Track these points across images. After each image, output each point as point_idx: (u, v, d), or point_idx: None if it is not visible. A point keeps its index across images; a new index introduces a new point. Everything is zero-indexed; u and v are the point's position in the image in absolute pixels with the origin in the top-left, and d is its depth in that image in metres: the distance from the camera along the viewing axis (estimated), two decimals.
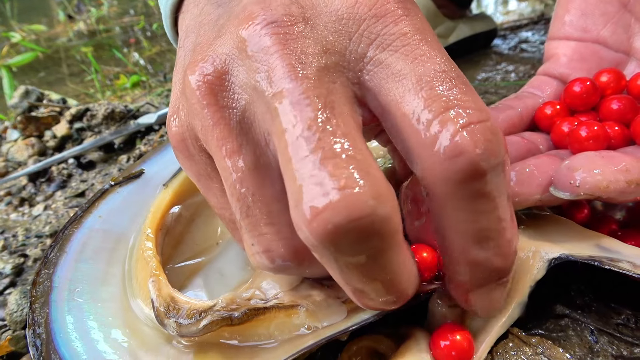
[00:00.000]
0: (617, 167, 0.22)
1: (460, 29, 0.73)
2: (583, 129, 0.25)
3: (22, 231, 0.44)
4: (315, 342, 0.23)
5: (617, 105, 0.27)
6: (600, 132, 0.25)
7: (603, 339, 0.25)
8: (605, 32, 0.32)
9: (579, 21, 0.32)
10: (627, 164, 0.23)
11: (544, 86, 0.32)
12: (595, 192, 0.22)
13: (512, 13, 1.09)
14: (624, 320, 0.25)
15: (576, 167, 0.23)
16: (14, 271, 0.38)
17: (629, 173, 0.22)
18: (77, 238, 0.32)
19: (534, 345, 0.24)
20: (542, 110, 0.30)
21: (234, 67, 0.19)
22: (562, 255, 0.23)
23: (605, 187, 0.22)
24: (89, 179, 0.52)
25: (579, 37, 0.32)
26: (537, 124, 0.30)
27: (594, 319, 0.25)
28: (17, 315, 0.33)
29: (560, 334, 0.25)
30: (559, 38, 0.33)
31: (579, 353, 0.24)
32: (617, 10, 0.32)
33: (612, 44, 0.32)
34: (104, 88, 0.93)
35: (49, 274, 0.29)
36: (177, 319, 0.24)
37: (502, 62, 0.73)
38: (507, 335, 0.24)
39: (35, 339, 0.25)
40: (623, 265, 0.22)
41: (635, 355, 0.24)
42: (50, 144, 0.59)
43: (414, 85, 0.18)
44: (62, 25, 1.58)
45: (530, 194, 0.24)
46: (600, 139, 0.25)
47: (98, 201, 0.34)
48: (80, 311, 0.27)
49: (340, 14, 0.19)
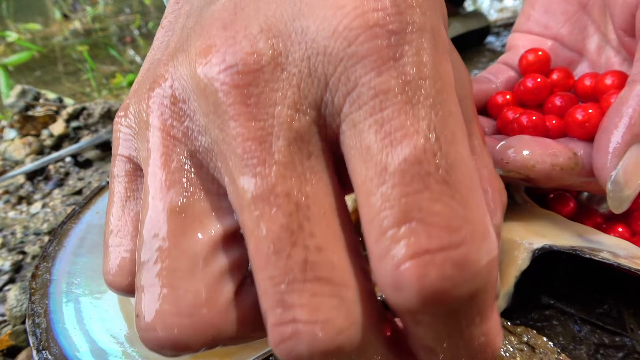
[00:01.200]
0: (547, 151, 0.25)
1: (453, 26, 0.74)
2: (524, 117, 0.27)
3: (20, 229, 0.45)
4: None
5: (559, 102, 0.29)
6: (539, 122, 0.27)
7: (586, 328, 0.25)
8: (563, 30, 0.33)
9: (542, 17, 0.34)
10: (556, 150, 0.25)
11: (499, 74, 0.33)
12: (522, 170, 0.24)
13: (506, 10, 1.10)
14: (606, 309, 0.26)
15: (509, 146, 0.25)
16: (13, 268, 0.39)
17: (555, 157, 0.24)
18: (75, 233, 0.32)
19: (519, 334, 0.25)
20: (494, 98, 0.31)
21: (191, 100, 0.15)
22: (545, 245, 0.24)
23: (531, 166, 0.24)
24: (86, 177, 0.53)
25: (539, 33, 0.34)
26: (488, 110, 0.32)
27: (578, 309, 0.26)
28: (17, 311, 0.33)
29: (544, 324, 0.26)
30: (521, 31, 0.35)
31: (562, 342, 0.25)
32: (576, 10, 0.32)
33: (568, 42, 0.33)
34: (100, 87, 0.94)
35: (48, 267, 0.30)
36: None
37: (494, 59, 0.73)
38: None
39: (35, 329, 0.26)
40: (603, 254, 0.23)
41: (616, 343, 0.25)
42: (47, 143, 0.60)
43: (377, 175, 0.13)
44: (57, 24, 1.58)
45: None
46: (538, 128, 0.27)
47: (95, 197, 0.35)
48: (78, 302, 0.28)
49: (317, 46, 0.14)
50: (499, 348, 0.16)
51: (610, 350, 0.24)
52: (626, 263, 0.22)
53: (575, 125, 0.26)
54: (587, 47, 0.32)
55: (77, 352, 0.25)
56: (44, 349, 0.25)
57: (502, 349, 0.25)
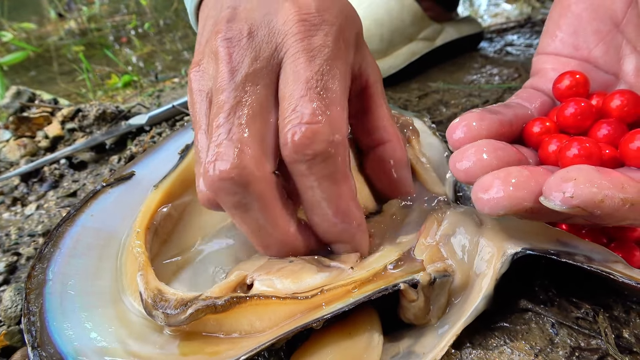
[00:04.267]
0: (614, 183, 0.21)
1: (447, 32, 0.75)
2: (574, 146, 0.24)
3: (14, 230, 0.46)
4: (292, 329, 0.25)
5: (608, 129, 0.26)
6: (594, 150, 0.24)
7: (563, 331, 0.26)
8: (596, 52, 0.31)
9: (570, 38, 0.31)
10: (624, 182, 0.21)
11: (532, 99, 0.31)
12: (588, 206, 0.21)
13: (500, 15, 1.11)
14: (583, 314, 0.27)
15: (569, 178, 0.21)
16: (8, 269, 0.39)
17: (624, 191, 0.21)
18: (70, 235, 0.33)
19: (498, 337, 0.26)
20: (530, 128, 0.29)
21: (208, 59, 0.29)
22: (523, 249, 0.25)
23: (599, 201, 0.21)
24: (81, 179, 0.53)
25: (569, 54, 0.31)
26: (524, 139, 0.29)
27: (555, 313, 0.27)
28: (12, 312, 0.34)
29: (523, 327, 0.27)
30: (548, 53, 0.32)
31: (539, 344, 0.26)
32: (609, 30, 0.30)
33: (602, 64, 0.31)
34: (95, 88, 0.94)
35: (43, 268, 0.31)
36: (164, 309, 0.26)
37: (487, 64, 0.75)
38: (473, 327, 0.26)
39: (30, 327, 0.27)
40: (578, 258, 0.24)
41: (592, 346, 0.26)
42: (42, 145, 0.60)
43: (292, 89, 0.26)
44: (53, 24, 1.58)
45: (523, 198, 0.23)
46: (593, 157, 0.24)
47: (90, 201, 0.36)
48: (72, 302, 0.29)
49: (272, 28, 0.28)
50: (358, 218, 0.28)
51: (585, 353, 0.25)
52: (598, 267, 0.24)
53: (635, 153, 0.24)
54: (624, 69, 0.30)
55: (71, 350, 0.26)
56: (39, 346, 0.26)
57: (480, 351, 0.26)
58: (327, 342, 0.26)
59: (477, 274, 0.26)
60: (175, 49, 1.24)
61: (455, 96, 0.63)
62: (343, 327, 0.27)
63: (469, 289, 0.26)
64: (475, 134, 0.27)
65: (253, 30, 0.28)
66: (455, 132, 0.27)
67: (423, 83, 0.68)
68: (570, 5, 0.31)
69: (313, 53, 0.27)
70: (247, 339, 0.26)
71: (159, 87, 0.88)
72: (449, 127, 0.27)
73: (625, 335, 0.26)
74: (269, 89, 0.27)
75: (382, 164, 0.33)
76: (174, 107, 0.62)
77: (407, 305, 0.26)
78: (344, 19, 0.29)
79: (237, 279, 0.28)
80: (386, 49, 0.66)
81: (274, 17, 0.28)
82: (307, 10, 0.28)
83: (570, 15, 0.31)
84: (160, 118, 0.61)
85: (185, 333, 0.27)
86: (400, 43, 0.68)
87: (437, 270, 0.26)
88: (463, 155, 0.25)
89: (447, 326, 0.26)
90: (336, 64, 0.27)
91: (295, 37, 0.27)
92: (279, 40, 0.27)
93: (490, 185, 0.23)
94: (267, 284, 0.27)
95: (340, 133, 0.26)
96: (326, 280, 0.27)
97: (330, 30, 0.28)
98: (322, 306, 0.26)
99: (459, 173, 0.25)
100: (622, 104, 0.26)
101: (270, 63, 0.27)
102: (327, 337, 0.26)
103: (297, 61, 0.27)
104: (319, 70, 0.26)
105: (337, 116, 0.26)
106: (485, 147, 0.25)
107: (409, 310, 0.26)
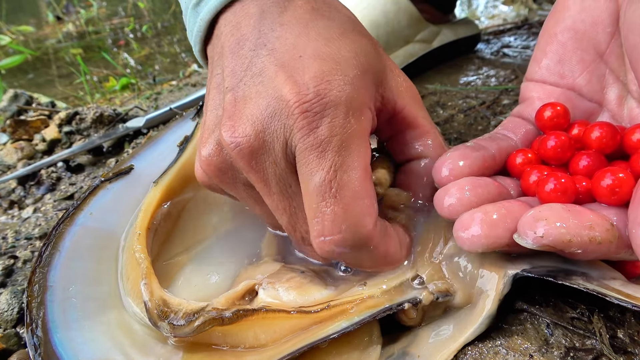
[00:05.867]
0: (583, 223, 0.22)
1: (443, 34, 0.75)
2: (551, 181, 0.25)
3: (11, 233, 0.46)
4: (297, 349, 0.24)
5: (586, 162, 0.27)
6: (569, 186, 0.25)
7: (558, 331, 0.27)
8: (581, 80, 0.31)
9: (556, 66, 0.32)
10: (592, 221, 0.22)
11: (517, 129, 0.32)
12: (557, 245, 0.22)
13: (497, 17, 1.12)
14: (578, 314, 0.27)
15: (540, 218, 0.23)
16: (4, 272, 0.39)
17: (592, 230, 0.22)
18: (70, 236, 0.32)
19: (493, 337, 0.26)
20: (514, 159, 0.30)
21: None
22: (523, 270, 0.25)
23: (567, 241, 0.22)
24: (78, 182, 0.53)
25: (554, 82, 0.32)
26: (508, 169, 0.30)
27: (550, 313, 0.27)
28: (8, 315, 0.34)
29: (518, 327, 0.27)
30: (535, 80, 0.33)
31: (535, 345, 0.26)
32: (593, 59, 0.31)
33: (586, 93, 0.31)
34: (93, 90, 0.94)
35: (44, 272, 0.30)
36: (170, 320, 0.25)
37: (483, 66, 0.75)
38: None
39: (33, 339, 0.26)
40: (575, 278, 0.24)
41: (586, 346, 0.26)
42: (39, 148, 0.60)
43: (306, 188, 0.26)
44: (50, 27, 1.58)
45: (499, 236, 0.24)
46: (568, 193, 0.25)
47: (89, 198, 0.35)
48: (74, 311, 0.28)
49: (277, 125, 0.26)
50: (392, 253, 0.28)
51: (580, 354, 0.25)
52: (595, 287, 0.24)
53: (605, 191, 0.24)
54: (607, 98, 0.31)
55: None
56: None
57: (475, 351, 0.26)
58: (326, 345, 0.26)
59: (480, 294, 0.26)
60: (173, 51, 1.24)
61: (452, 98, 0.63)
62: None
63: (470, 307, 0.27)
64: (458, 172, 0.28)
65: (259, 131, 0.26)
66: (442, 171, 0.28)
67: (420, 85, 0.68)
68: (556, 34, 0.32)
69: (322, 147, 0.25)
70: (252, 353, 0.26)
71: (156, 89, 0.88)
72: (436, 163, 0.29)
73: (620, 335, 0.26)
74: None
75: (415, 177, 0.32)
76: (171, 110, 0.62)
77: (404, 319, 0.27)
78: (351, 86, 0.26)
79: (244, 288, 0.28)
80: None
81: (277, 110, 0.26)
82: (306, 98, 0.25)
83: (556, 43, 0.32)
84: (157, 121, 0.61)
85: (189, 344, 0.27)
86: (396, 45, 0.68)
87: (439, 290, 0.27)
88: (446, 193, 0.26)
89: (444, 333, 0.26)
90: (350, 147, 0.25)
91: (300, 133, 0.25)
92: (287, 135, 0.26)
93: (469, 224, 0.24)
94: (272, 294, 0.27)
95: (365, 226, 0.25)
96: (333, 295, 0.27)
97: (336, 114, 0.25)
98: (328, 321, 0.26)
99: (444, 210, 0.26)
100: (600, 135, 0.27)
101: (288, 161, 0.26)
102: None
103: (307, 160, 0.25)
104: (331, 167, 0.25)
105: (359, 212, 0.25)
106: (467, 185, 0.26)
107: (405, 322, 0.27)
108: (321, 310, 0.26)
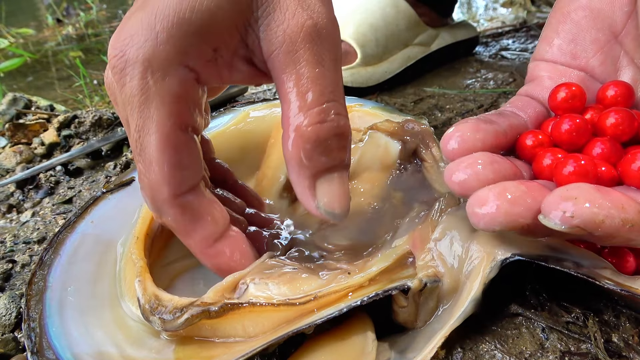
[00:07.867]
0: (614, 204, 0.20)
1: (442, 37, 0.75)
2: (570, 163, 0.23)
3: (10, 237, 0.46)
4: (283, 334, 0.25)
5: (603, 148, 0.25)
6: (590, 169, 0.23)
7: (553, 336, 0.27)
8: (594, 62, 0.30)
9: (569, 46, 0.30)
10: (624, 202, 0.21)
11: (526, 108, 0.30)
12: (587, 226, 0.20)
13: (496, 19, 1.12)
14: (573, 318, 0.27)
15: (570, 197, 0.21)
16: (3, 276, 0.39)
17: (624, 211, 0.21)
18: (70, 242, 0.34)
19: (489, 341, 0.26)
20: (524, 140, 0.28)
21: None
22: (513, 254, 0.25)
23: (600, 221, 0.20)
24: (77, 186, 0.53)
25: (566, 62, 0.31)
26: (517, 151, 0.28)
27: (545, 318, 0.27)
28: (6, 319, 0.34)
29: (514, 331, 0.27)
30: (544, 60, 0.31)
31: (530, 349, 0.26)
32: (607, 40, 0.30)
33: (599, 75, 0.30)
34: (92, 93, 0.94)
35: (44, 274, 0.31)
36: (161, 315, 0.26)
37: (482, 69, 0.75)
38: (464, 332, 0.26)
39: (30, 333, 0.28)
40: (567, 264, 0.24)
41: (582, 351, 0.26)
42: (38, 151, 0.60)
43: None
44: (50, 29, 1.58)
45: (519, 215, 0.22)
46: (589, 176, 0.23)
47: (90, 207, 0.36)
48: (71, 308, 0.30)
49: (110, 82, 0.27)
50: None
51: (575, 358, 0.25)
52: (586, 273, 0.24)
53: (636, 174, 0.23)
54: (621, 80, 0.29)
55: (69, 355, 0.27)
56: (38, 351, 0.27)
57: (471, 356, 0.26)
58: (321, 347, 0.27)
59: (466, 278, 0.26)
60: None
61: (451, 101, 0.64)
62: (337, 332, 0.27)
63: (458, 293, 0.27)
64: (470, 145, 0.26)
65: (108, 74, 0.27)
66: (450, 143, 0.26)
67: (418, 88, 0.69)
68: (570, 12, 0.31)
69: (130, 106, 0.25)
70: (241, 343, 0.26)
71: None
72: (443, 136, 0.27)
73: (615, 339, 0.26)
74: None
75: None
76: None
77: (397, 310, 0.27)
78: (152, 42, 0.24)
79: (230, 282, 0.28)
80: (382, 54, 0.66)
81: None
82: (113, 53, 0.25)
83: (570, 22, 0.30)
84: None
85: (181, 338, 0.28)
86: (395, 48, 0.68)
87: (428, 276, 0.27)
88: (458, 167, 0.24)
89: (436, 326, 0.26)
90: (150, 110, 0.25)
91: (117, 88, 0.25)
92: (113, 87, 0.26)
93: (486, 200, 0.22)
94: (262, 288, 0.28)
95: (160, 193, 0.26)
96: (319, 286, 0.28)
97: (134, 73, 0.24)
98: (315, 312, 0.26)
99: (454, 185, 0.24)
100: (616, 122, 0.26)
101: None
102: (321, 343, 0.27)
103: (126, 114, 0.26)
104: (135, 127, 0.25)
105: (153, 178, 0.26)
106: (481, 159, 0.24)
107: (399, 314, 0.27)
108: (307, 302, 0.26)
